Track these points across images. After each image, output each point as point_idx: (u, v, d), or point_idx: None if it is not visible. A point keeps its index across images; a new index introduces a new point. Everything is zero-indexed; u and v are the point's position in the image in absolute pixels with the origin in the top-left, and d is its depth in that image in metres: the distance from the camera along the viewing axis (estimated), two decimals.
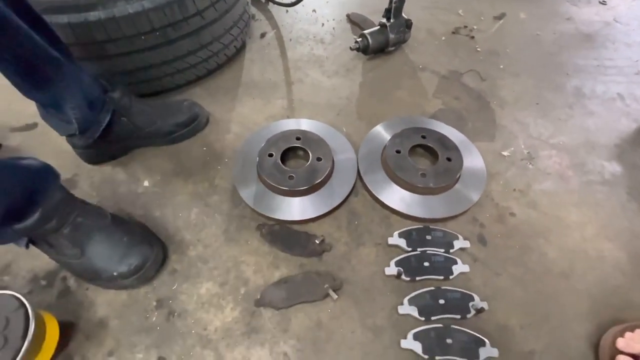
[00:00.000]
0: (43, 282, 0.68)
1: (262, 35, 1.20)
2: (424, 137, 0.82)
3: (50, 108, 0.71)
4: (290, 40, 1.19)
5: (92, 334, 0.61)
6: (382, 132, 0.87)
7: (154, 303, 0.64)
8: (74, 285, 0.67)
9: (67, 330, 0.61)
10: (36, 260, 0.69)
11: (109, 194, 0.79)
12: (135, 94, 0.83)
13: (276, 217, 0.73)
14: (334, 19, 1.29)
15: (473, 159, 0.82)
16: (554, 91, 1.05)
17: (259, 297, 0.64)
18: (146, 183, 0.81)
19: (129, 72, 0.88)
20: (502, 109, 0.98)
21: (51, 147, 0.87)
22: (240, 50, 1.13)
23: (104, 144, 0.81)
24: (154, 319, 0.63)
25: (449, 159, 0.78)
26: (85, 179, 0.82)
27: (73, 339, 0.61)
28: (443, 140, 0.81)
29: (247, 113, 0.96)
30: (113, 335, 0.61)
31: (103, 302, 0.65)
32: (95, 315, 0.63)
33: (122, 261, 0.63)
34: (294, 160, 0.85)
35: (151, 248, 0.66)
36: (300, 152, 0.84)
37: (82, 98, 0.71)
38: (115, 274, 0.62)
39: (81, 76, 0.71)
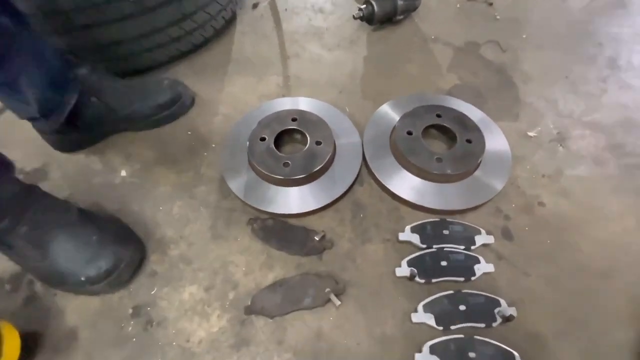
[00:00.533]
0: (7, 287, 0.60)
1: (255, 6, 1.08)
2: (439, 116, 0.71)
3: (5, 87, 0.61)
4: (286, 10, 1.07)
5: (60, 346, 0.54)
6: (391, 112, 0.76)
7: (130, 310, 0.56)
8: (41, 291, 0.59)
9: (32, 342, 0.54)
10: (0, 261, 0.61)
11: (83, 186, 0.71)
12: (110, 73, 0.73)
13: (270, 210, 0.64)
14: None
15: (495, 141, 0.71)
16: (584, 63, 0.92)
17: (249, 303, 0.56)
18: (123, 173, 0.72)
19: (101, 47, 0.77)
20: (527, 84, 0.87)
21: (19, 134, 0.77)
22: (230, 22, 1.01)
23: (75, 129, 0.71)
24: (130, 329, 0.55)
25: (468, 141, 0.68)
26: (56, 169, 0.73)
27: (39, 351, 0.53)
28: (461, 119, 0.71)
29: (237, 93, 0.85)
30: (83, 348, 0.53)
31: (73, 309, 0.57)
32: (64, 325, 0.55)
33: (91, 264, 0.54)
34: (290, 145, 0.75)
35: (125, 248, 0.57)
36: (297, 136, 0.74)
37: (42, 75, 0.61)
38: (82, 278, 0.54)
39: (41, 50, 0.61)
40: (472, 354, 0.50)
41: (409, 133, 0.69)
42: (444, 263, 0.58)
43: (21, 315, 0.57)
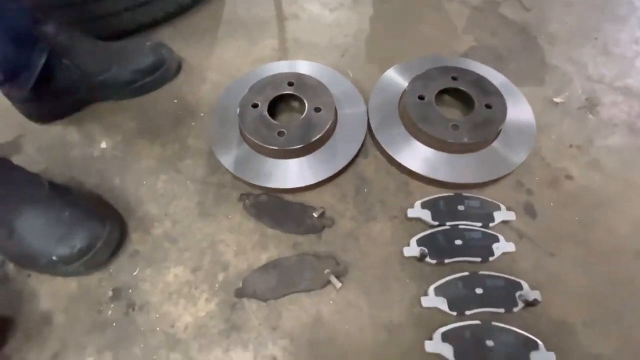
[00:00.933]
0: None
1: None
2: (454, 78, 0.63)
3: None
4: None
5: (33, 332, 0.49)
6: (399, 77, 0.68)
7: (110, 293, 0.51)
8: (13, 272, 0.54)
9: (4, 326, 0.49)
10: None
11: (59, 160, 0.64)
12: (84, 34, 0.65)
13: (263, 184, 0.57)
14: None
15: (518, 107, 0.63)
16: (616, 23, 0.82)
17: (241, 285, 0.50)
18: (104, 145, 0.65)
19: (74, 4, 0.69)
20: (552, 46, 0.77)
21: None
22: None
23: (49, 97, 0.65)
24: (109, 313, 0.50)
25: (488, 106, 0.60)
26: (31, 142, 0.67)
27: (10, 337, 0.49)
28: (480, 82, 0.62)
29: (228, 58, 0.77)
30: (58, 334, 0.49)
31: (47, 292, 0.52)
32: (38, 309, 0.50)
33: (63, 242, 0.49)
34: (286, 114, 0.67)
35: (102, 225, 0.51)
36: (294, 103, 0.66)
37: (1, 31, 0.54)
38: (54, 258, 0.48)
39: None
40: (489, 342, 0.44)
41: (421, 98, 0.61)
42: (458, 242, 0.51)
43: None
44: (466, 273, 0.49)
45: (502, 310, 0.47)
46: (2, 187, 0.48)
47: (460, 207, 0.54)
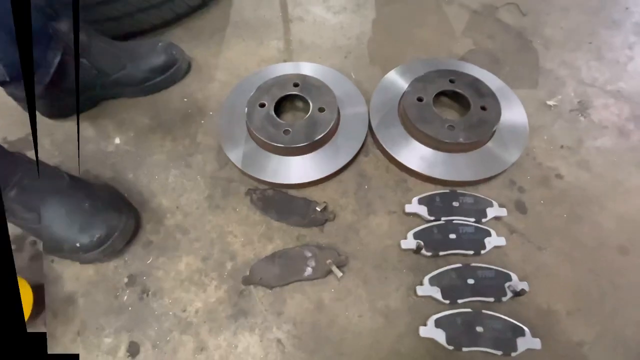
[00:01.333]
0: (13, 247, 0.58)
1: None
2: (452, 81, 0.66)
3: None
4: None
5: (59, 311, 0.53)
6: (400, 79, 0.71)
7: (125, 280, 0.55)
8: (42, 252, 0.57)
9: (41, 295, 0.53)
10: None
11: (74, 154, 0.68)
12: (98, 33, 0.68)
13: (269, 180, 0.61)
14: None
15: (512, 109, 0.66)
16: (610, 28, 0.85)
17: (248, 273, 0.54)
18: (117, 140, 0.69)
19: (88, 6, 0.72)
20: (547, 50, 0.80)
21: (6, 101, 0.74)
22: None
23: (63, 93, 0.67)
24: (125, 298, 0.53)
25: (483, 108, 0.63)
26: (46, 137, 0.70)
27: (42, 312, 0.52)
28: (476, 85, 0.65)
29: (235, 58, 0.80)
30: (79, 315, 0.52)
31: (70, 276, 0.56)
32: (62, 290, 0.54)
33: (84, 231, 0.52)
34: (291, 113, 0.70)
35: (119, 216, 0.55)
36: (299, 103, 0.69)
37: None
38: (77, 245, 0.52)
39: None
40: (479, 328, 0.48)
41: (420, 99, 0.64)
42: (452, 236, 0.54)
43: (28, 271, 0.56)
44: (459, 265, 0.53)
45: (492, 299, 0.51)
46: (26, 177, 0.51)
47: (455, 204, 0.57)
